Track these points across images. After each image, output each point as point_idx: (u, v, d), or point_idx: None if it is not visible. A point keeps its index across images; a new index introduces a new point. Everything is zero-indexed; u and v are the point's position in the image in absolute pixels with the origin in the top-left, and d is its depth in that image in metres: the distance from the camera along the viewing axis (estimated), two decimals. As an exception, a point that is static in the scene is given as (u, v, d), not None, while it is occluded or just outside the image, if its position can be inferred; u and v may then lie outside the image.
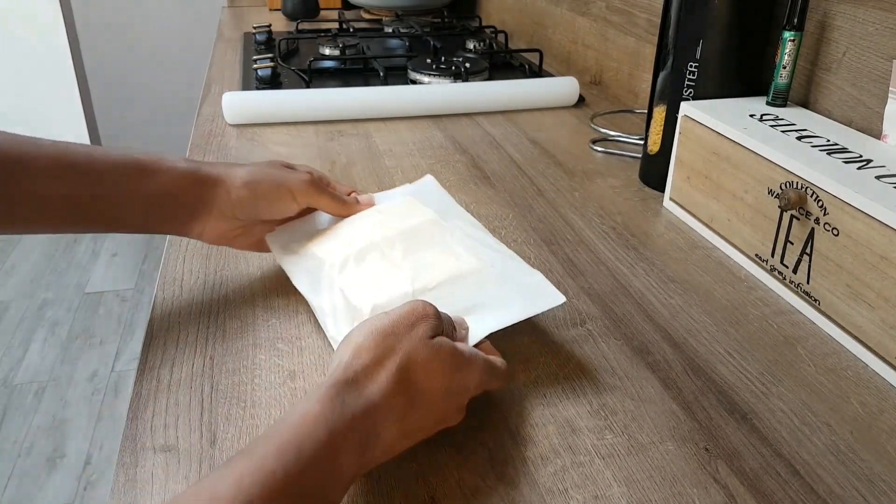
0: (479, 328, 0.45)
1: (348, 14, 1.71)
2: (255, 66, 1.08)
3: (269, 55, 1.13)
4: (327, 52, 1.22)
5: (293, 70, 1.13)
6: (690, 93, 0.70)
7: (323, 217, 0.59)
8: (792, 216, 0.56)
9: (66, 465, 1.59)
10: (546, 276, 0.51)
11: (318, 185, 0.56)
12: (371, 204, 0.60)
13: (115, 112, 2.64)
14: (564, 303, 0.49)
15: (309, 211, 0.59)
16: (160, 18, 2.60)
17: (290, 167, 0.57)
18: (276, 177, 0.54)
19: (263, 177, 0.54)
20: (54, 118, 2.30)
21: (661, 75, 0.72)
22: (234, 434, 0.42)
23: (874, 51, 0.62)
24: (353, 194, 0.60)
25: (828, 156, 0.56)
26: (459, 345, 0.41)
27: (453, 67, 1.09)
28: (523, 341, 0.51)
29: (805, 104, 0.70)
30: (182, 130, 2.53)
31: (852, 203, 0.49)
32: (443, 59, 1.14)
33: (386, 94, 0.98)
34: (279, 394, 0.46)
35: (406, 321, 0.40)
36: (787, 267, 0.57)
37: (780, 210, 0.56)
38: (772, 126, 0.62)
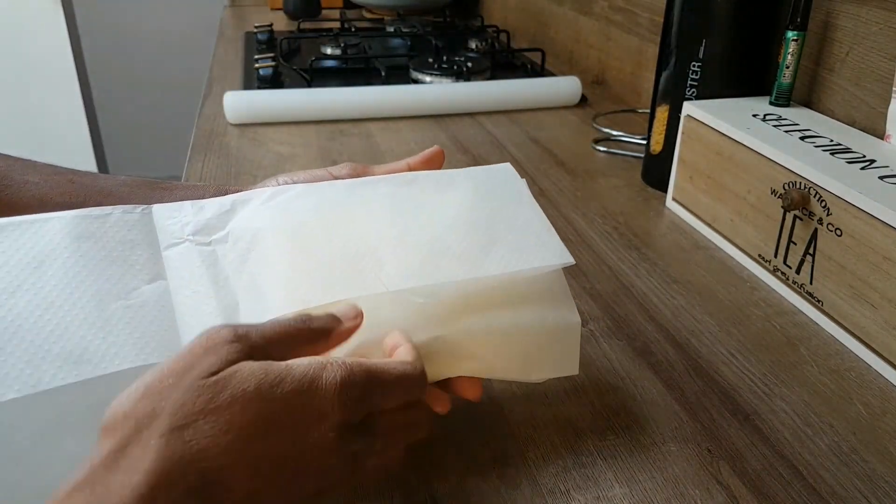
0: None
1: (350, 13, 1.71)
2: (256, 65, 1.07)
3: (271, 55, 1.13)
4: (329, 51, 1.22)
5: (295, 69, 1.13)
6: (693, 92, 0.69)
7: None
8: (795, 216, 0.55)
9: (68, 464, 1.59)
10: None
11: (365, 168, 0.46)
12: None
13: (116, 111, 2.64)
14: None
15: None
16: (162, 18, 2.60)
17: None
18: (311, 171, 0.45)
19: (296, 176, 0.45)
20: (56, 118, 2.30)
21: (664, 75, 0.72)
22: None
23: (878, 51, 0.62)
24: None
25: (831, 156, 0.56)
26: (298, 365, 0.29)
27: (455, 67, 1.09)
28: (525, 341, 0.51)
29: (808, 104, 0.70)
30: (183, 130, 2.53)
31: (855, 203, 0.49)
32: (444, 58, 1.14)
33: (387, 94, 0.97)
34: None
35: (180, 364, 0.27)
36: (789, 267, 0.57)
37: (783, 210, 0.56)
38: (775, 126, 0.62)
